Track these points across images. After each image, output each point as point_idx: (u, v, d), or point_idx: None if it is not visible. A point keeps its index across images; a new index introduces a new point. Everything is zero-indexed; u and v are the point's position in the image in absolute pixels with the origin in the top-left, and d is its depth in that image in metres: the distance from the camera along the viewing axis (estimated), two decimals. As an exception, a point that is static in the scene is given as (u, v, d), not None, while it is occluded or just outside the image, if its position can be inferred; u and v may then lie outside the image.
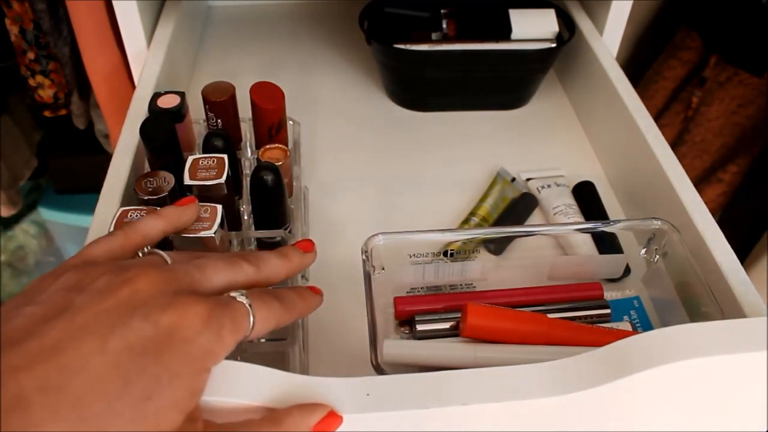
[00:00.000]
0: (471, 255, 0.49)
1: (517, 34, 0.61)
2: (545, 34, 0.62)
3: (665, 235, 0.45)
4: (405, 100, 0.67)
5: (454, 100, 0.66)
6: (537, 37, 0.62)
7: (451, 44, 0.61)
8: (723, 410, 0.36)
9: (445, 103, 0.66)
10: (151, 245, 0.33)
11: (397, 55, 0.62)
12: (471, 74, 0.63)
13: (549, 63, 0.64)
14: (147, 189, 0.40)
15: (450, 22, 0.63)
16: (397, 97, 0.67)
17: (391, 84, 0.67)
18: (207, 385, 0.28)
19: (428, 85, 0.65)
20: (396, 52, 0.61)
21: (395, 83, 0.66)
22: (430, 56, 0.61)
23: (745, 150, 0.90)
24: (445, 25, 0.63)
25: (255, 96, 0.47)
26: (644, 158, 0.52)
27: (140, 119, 0.46)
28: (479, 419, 0.31)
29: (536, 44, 0.62)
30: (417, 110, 0.66)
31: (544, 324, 0.41)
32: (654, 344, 0.32)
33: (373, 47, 0.62)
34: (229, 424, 0.29)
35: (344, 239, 0.51)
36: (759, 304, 0.39)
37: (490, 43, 0.61)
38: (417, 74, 0.64)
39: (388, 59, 0.64)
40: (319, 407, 0.30)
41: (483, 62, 0.62)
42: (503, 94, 0.66)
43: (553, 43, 0.62)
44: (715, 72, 0.89)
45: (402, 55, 0.61)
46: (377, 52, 0.64)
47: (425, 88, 0.65)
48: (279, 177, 0.41)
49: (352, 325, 0.45)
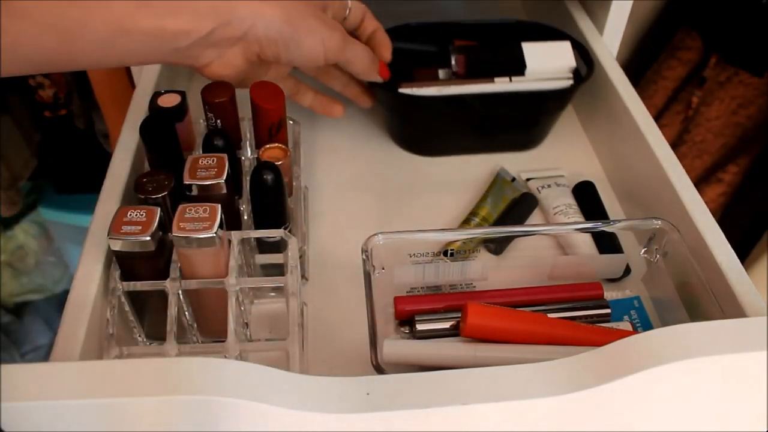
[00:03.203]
0: (471, 255, 0.49)
1: (532, 70, 0.56)
2: (561, 69, 0.57)
3: (665, 235, 0.45)
4: (412, 146, 0.61)
5: (464, 145, 0.60)
6: (553, 73, 0.56)
7: (463, 85, 0.55)
8: (723, 410, 0.36)
9: (455, 147, 0.60)
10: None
11: (403, 101, 0.55)
12: (485, 117, 0.58)
13: (567, 101, 0.60)
14: (147, 189, 0.40)
15: (459, 58, 0.57)
16: (402, 141, 0.61)
17: (397, 127, 0.61)
18: (206, 384, 0.28)
19: (438, 131, 0.59)
20: (402, 98, 0.54)
21: (401, 127, 0.60)
22: (440, 101, 0.55)
23: (745, 150, 0.90)
24: (454, 61, 0.57)
25: (255, 96, 0.47)
26: (644, 158, 0.52)
27: (140, 119, 0.46)
28: (479, 419, 0.31)
29: (553, 82, 0.56)
30: (424, 155, 0.60)
31: (544, 324, 0.41)
32: (654, 344, 0.32)
33: (376, 91, 0.57)
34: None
35: (344, 239, 0.51)
36: (759, 304, 0.39)
37: (504, 82, 0.55)
38: (426, 120, 0.58)
39: (394, 104, 0.57)
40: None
41: (498, 104, 0.56)
42: (518, 135, 0.60)
43: (570, 80, 0.57)
44: (715, 72, 0.89)
45: (409, 101, 0.55)
46: (381, 95, 0.57)
47: (434, 133, 0.59)
48: (279, 176, 0.41)
49: (352, 325, 0.45)
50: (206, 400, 0.28)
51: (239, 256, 0.41)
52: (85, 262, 0.40)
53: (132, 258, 0.37)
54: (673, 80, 0.95)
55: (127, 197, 0.45)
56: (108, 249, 0.40)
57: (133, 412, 0.29)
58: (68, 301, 0.38)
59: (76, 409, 0.29)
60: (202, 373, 0.29)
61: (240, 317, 0.41)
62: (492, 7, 0.82)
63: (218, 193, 0.40)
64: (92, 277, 0.39)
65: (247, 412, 0.29)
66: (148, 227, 0.36)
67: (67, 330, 0.36)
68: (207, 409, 0.29)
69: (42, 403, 0.28)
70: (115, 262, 0.39)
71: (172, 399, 0.29)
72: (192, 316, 0.41)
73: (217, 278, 0.39)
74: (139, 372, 0.29)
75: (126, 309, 0.39)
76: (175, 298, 0.38)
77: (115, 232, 0.36)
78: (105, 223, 0.37)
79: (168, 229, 0.38)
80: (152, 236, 0.36)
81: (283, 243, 0.42)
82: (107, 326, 0.37)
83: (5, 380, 0.29)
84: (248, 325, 0.43)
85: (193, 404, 0.29)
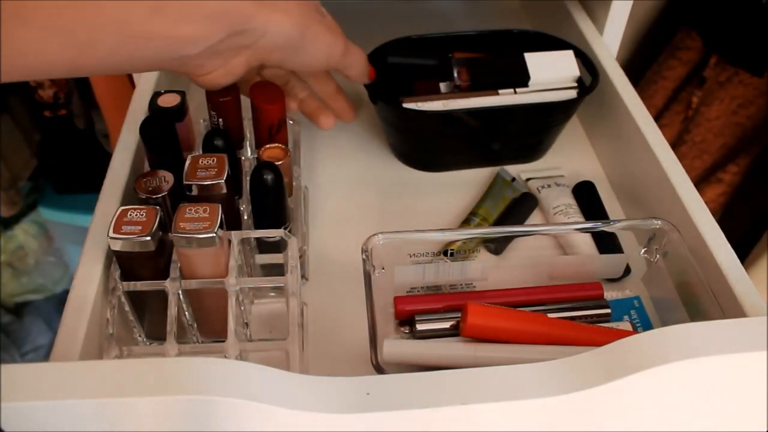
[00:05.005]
0: (471, 255, 0.49)
1: (536, 81, 0.55)
2: (565, 79, 0.56)
3: (665, 235, 0.45)
4: (413, 161, 0.60)
5: (468, 159, 0.59)
6: (557, 83, 0.55)
7: (468, 99, 0.54)
8: (723, 410, 0.36)
9: (458, 161, 0.59)
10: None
11: (407, 116, 0.53)
12: (489, 130, 0.57)
13: (573, 111, 0.58)
14: (147, 188, 0.40)
15: (462, 70, 0.56)
16: (405, 157, 0.60)
17: (398, 142, 0.60)
18: (206, 384, 0.28)
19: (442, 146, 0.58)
20: (406, 113, 0.53)
21: (404, 143, 0.59)
22: (446, 115, 0.53)
23: (745, 150, 0.90)
24: (457, 74, 0.56)
25: (255, 96, 0.47)
26: (644, 158, 0.52)
27: (140, 119, 0.46)
28: (479, 419, 0.31)
29: (558, 93, 0.55)
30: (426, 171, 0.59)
31: (544, 324, 0.41)
32: (654, 344, 0.32)
33: (378, 107, 0.55)
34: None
35: (344, 239, 0.51)
36: (759, 304, 0.39)
37: (509, 94, 0.54)
38: (429, 135, 0.56)
39: (396, 119, 0.56)
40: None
41: (504, 117, 0.55)
42: (522, 148, 0.59)
43: (575, 89, 0.56)
44: (715, 72, 0.89)
45: (413, 116, 0.53)
46: (383, 110, 0.56)
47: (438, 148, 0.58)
48: (279, 176, 0.41)
49: (352, 325, 0.45)
50: (206, 400, 0.28)
51: (239, 256, 0.41)
52: (85, 262, 0.40)
53: (132, 258, 0.37)
54: (673, 80, 0.95)
55: (127, 197, 0.45)
56: (108, 249, 0.40)
57: (133, 412, 0.29)
58: (68, 301, 0.38)
59: (76, 409, 0.29)
60: (202, 373, 0.29)
61: (240, 317, 0.41)
62: (492, 7, 0.82)
63: (218, 193, 0.40)
64: (92, 277, 0.39)
65: (247, 412, 0.29)
66: (148, 227, 0.36)
67: (67, 330, 0.36)
68: (207, 409, 0.29)
69: (42, 403, 0.28)
70: (115, 262, 0.39)
71: (172, 399, 0.29)
72: (192, 316, 0.41)
73: (217, 278, 0.39)
74: (139, 372, 0.29)
75: (126, 309, 0.40)
76: (175, 298, 0.38)
77: (115, 232, 0.36)
78: (105, 223, 0.37)
79: (168, 229, 0.38)
80: (152, 236, 0.36)
81: (283, 243, 0.42)
82: (107, 326, 0.37)
83: (5, 380, 0.29)
84: (248, 325, 0.43)
85: (193, 404, 0.29)
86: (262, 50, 0.41)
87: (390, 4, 0.80)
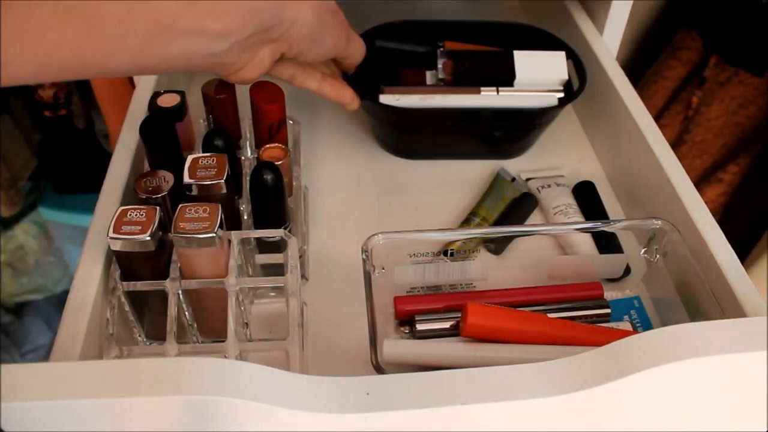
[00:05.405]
0: (471, 255, 0.49)
1: (522, 81, 0.53)
2: (552, 81, 0.54)
3: (665, 235, 0.45)
4: (397, 150, 0.60)
5: (447, 151, 0.60)
6: (543, 84, 0.54)
7: (445, 95, 0.53)
8: (723, 410, 0.36)
9: (438, 152, 0.60)
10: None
11: (384, 110, 0.54)
12: (465, 130, 0.56)
13: (553, 117, 0.57)
14: (147, 188, 0.40)
15: (447, 63, 0.55)
16: (388, 146, 0.60)
17: (383, 134, 0.60)
18: (206, 384, 0.28)
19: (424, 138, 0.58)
20: (384, 108, 0.53)
21: (385, 134, 0.60)
22: (422, 112, 0.53)
23: (745, 150, 0.90)
24: (441, 66, 0.55)
25: (255, 95, 0.47)
26: (644, 158, 0.52)
27: (140, 119, 0.46)
28: (479, 419, 0.31)
29: (540, 97, 0.54)
30: (409, 158, 0.60)
31: (544, 324, 0.41)
32: (654, 344, 0.32)
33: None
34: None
35: (344, 239, 0.51)
36: (759, 304, 0.39)
37: (491, 93, 0.53)
38: (407, 127, 0.56)
39: (375, 111, 0.56)
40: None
41: (480, 117, 0.54)
42: (502, 144, 0.59)
43: (560, 93, 0.54)
44: (715, 72, 0.89)
45: (390, 110, 0.53)
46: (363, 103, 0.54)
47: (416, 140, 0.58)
48: (279, 176, 0.41)
49: (352, 325, 0.45)
50: (206, 400, 0.28)
51: (239, 256, 0.41)
52: (85, 262, 0.40)
53: (132, 258, 0.37)
54: (673, 80, 0.95)
55: (127, 197, 0.45)
56: (108, 249, 0.40)
57: (133, 412, 0.29)
58: (68, 301, 0.38)
59: (76, 409, 0.29)
60: (202, 373, 0.29)
61: (240, 317, 0.41)
62: (491, 7, 0.82)
63: (218, 193, 0.40)
64: (92, 277, 0.39)
65: (247, 412, 0.29)
66: (148, 227, 0.36)
67: (67, 330, 0.36)
68: (207, 409, 0.29)
69: (42, 403, 0.28)
70: (115, 262, 0.39)
71: (172, 399, 0.29)
72: (192, 316, 0.41)
73: (217, 278, 0.39)
74: (139, 372, 0.29)
75: (126, 309, 0.40)
76: (175, 298, 0.38)
77: (115, 232, 0.36)
78: (105, 223, 0.37)
79: (168, 229, 0.38)
80: (152, 236, 0.36)
81: (283, 243, 0.42)
82: (107, 326, 0.37)
83: (5, 380, 0.29)
84: (248, 325, 0.43)
85: (193, 404, 0.29)
86: (287, 41, 0.42)
87: (390, 5, 0.80)
